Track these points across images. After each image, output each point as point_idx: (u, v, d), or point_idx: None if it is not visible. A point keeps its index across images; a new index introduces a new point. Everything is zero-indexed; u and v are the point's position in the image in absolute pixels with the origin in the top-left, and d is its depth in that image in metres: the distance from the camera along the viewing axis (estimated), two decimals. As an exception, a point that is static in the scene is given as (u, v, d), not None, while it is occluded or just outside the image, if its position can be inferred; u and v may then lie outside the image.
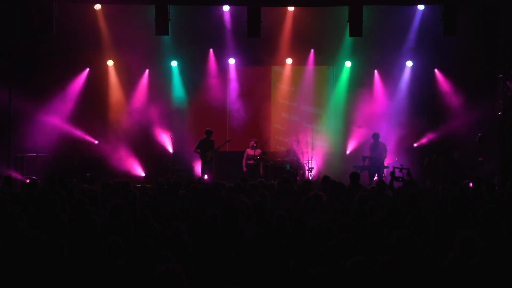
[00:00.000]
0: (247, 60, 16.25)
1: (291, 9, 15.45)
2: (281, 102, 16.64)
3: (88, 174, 14.08)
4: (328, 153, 16.02)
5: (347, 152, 16.28)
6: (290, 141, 15.77)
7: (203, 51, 16.10)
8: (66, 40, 15.00)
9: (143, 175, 15.80)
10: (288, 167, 14.62)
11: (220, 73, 16.28)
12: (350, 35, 14.59)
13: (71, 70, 15.67)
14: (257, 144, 14.92)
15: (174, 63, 16.17)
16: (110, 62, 15.97)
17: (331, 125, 16.30)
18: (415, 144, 15.97)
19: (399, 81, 16.11)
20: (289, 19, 15.62)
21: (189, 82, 16.25)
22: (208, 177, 14.03)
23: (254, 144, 14.80)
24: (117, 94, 16.11)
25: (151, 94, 16.08)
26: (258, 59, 16.10)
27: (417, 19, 15.40)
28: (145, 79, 16.16)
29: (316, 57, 16.25)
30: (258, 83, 16.40)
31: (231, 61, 16.28)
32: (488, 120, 14.98)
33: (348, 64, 16.23)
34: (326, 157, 15.93)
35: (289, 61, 16.33)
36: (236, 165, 14.98)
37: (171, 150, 15.42)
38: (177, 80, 16.27)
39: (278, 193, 8.93)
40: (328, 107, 16.53)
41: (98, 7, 15.17)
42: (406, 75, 16.10)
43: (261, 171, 14.79)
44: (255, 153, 14.80)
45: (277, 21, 15.54)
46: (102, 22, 15.32)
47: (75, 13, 14.87)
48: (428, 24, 15.18)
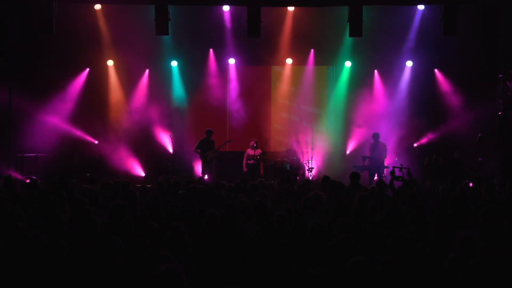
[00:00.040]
0: (247, 60, 16.24)
1: (291, 9, 15.46)
2: (281, 102, 16.64)
3: (88, 174, 14.08)
4: (328, 153, 16.03)
5: (347, 152, 16.28)
6: (290, 141, 15.75)
7: (203, 51, 16.10)
8: (66, 40, 15.00)
9: (143, 175, 15.80)
10: (288, 167, 14.61)
11: (220, 73, 16.28)
12: (350, 35, 14.59)
13: (71, 70, 15.66)
14: (257, 144, 14.92)
15: (174, 63, 16.17)
16: (110, 62, 15.97)
17: (331, 125, 16.31)
18: (415, 144, 15.97)
19: (399, 81, 16.10)
20: (289, 19, 15.62)
21: (189, 82, 16.25)
22: (209, 177, 14.03)
23: (254, 144, 14.80)
24: (117, 94, 16.11)
25: (151, 94, 16.07)
26: (258, 59, 16.08)
27: (417, 19, 15.40)
28: (145, 79, 16.16)
29: (316, 57, 16.24)
30: (258, 83, 16.40)
31: (231, 61, 16.27)
32: (488, 120, 14.99)
33: (348, 64, 16.23)
34: (326, 157, 15.93)
35: (289, 61, 16.33)
36: (236, 165, 14.98)
37: (171, 150, 15.42)
38: (177, 80, 16.27)
39: (278, 193, 8.93)
40: (328, 107, 16.54)
41: (98, 7, 15.18)
42: (406, 75, 16.09)
43: (262, 171, 14.80)
44: (255, 153, 14.80)
45: (277, 21, 15.54)
46: (102, 22, 15.33)
47: (75, 13, 14.88)
48: (428, 24, 15.19)
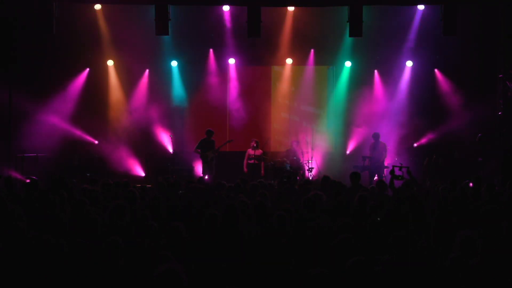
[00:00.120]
0: (247, 60, 16.24)
1: (291, 9, 15.46)
2: (281, 102, 16.63)
3: (88, 174, 14.08)
4: (328, 153, 16.02)
5: (347, 152, 16.28)
6: (290, 141, 15.74)
7: (203, 51, 16.09)
8: (66, 40, 15.03)
9: (143, 175, 15.80)
10: (288, 167, 14.61)
11: (220, 73, 16.27)
12: (350, 35, 14.61)
13: (71, 70, 15.66)
14: (258, 144, 14.92)
15: (174, 63, 16.16)
16: (110, 62, 15.96)
17: (331, 125, 16.31)
18: (415, 144, 15.97)
19: (399, 81, 16.09)
20: (289, 19, 15.63)
21: (189, 82, 16.24)
22: (209, 177, 14.03)
23: (255, 144, 14.79)
24: (117, 94, 16.11)
25: (151, 94, 16.07)
26: (258, 59, 16.07)
27: (417, 19, 15.41)
28: (145, 79, 16.15)
29: (316, 57, 16.23)
30: (258, 83, 16.39)
31: (231, 61, 16.27)
32: (488, 120, 14.99)
33: (348, 64, 16.22)
34: (326, 157, 15.92)
35: (289, 61, 16.32)
36: (237, 165, 14.97)
37: (171, 150, 15.42)
38: (177, 80, 16.26)
39: (278, 193, 8.93)
40: (328, 107, 16.53)
41: (98, 7, 15.18)
42: (406, 75, 16.09)
43: (262, 172, 14.78)
44: (256, 153, 14.79)
45: (277, 21, 15.54)
46: (102, 22, 15.33)
47: (75, 13, 14.91)
48: (428, 24, 15.20)
